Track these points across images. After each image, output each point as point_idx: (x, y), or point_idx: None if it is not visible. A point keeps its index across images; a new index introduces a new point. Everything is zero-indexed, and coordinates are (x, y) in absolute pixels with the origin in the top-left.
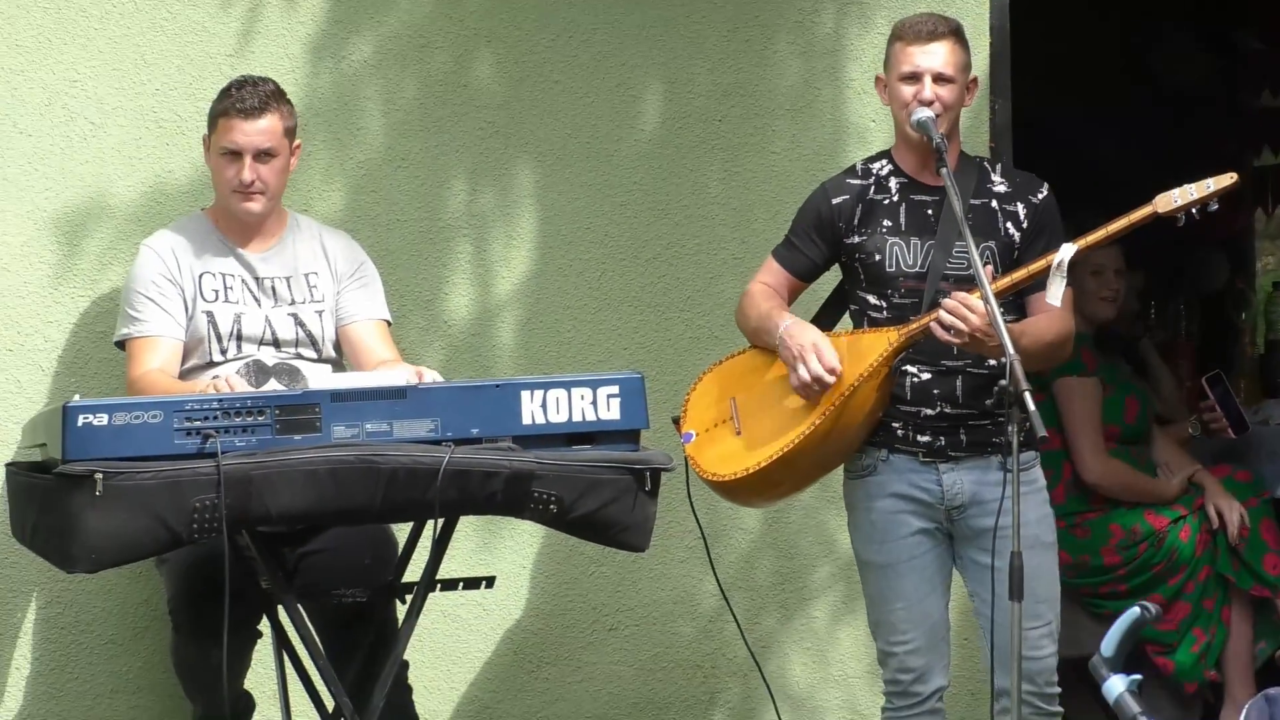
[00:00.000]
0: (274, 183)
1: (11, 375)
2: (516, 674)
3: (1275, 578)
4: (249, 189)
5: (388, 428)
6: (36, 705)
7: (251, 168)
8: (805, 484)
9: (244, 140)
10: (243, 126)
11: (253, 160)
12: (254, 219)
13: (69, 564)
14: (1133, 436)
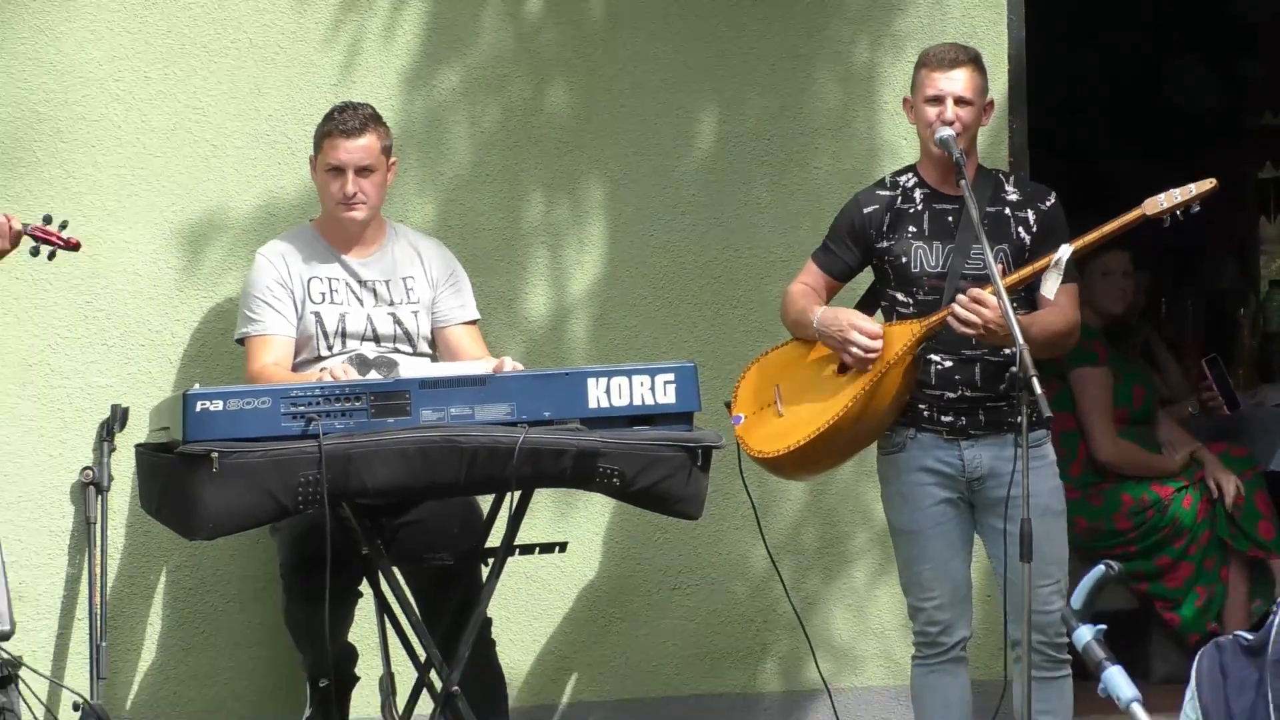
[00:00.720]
0: (373, 195)
1: (143, 368)
2: (589, 629)
3: (1268, 541)
4: (352, 201)
5: (470, 411)
6: (170, 657)
7: (354, 181)
8: (842, 459)
9: (346, 157)
10: (345, 145)
11: (354, 175)
12: (357, 227)
13: (190, 533)
14: (1140, 419)
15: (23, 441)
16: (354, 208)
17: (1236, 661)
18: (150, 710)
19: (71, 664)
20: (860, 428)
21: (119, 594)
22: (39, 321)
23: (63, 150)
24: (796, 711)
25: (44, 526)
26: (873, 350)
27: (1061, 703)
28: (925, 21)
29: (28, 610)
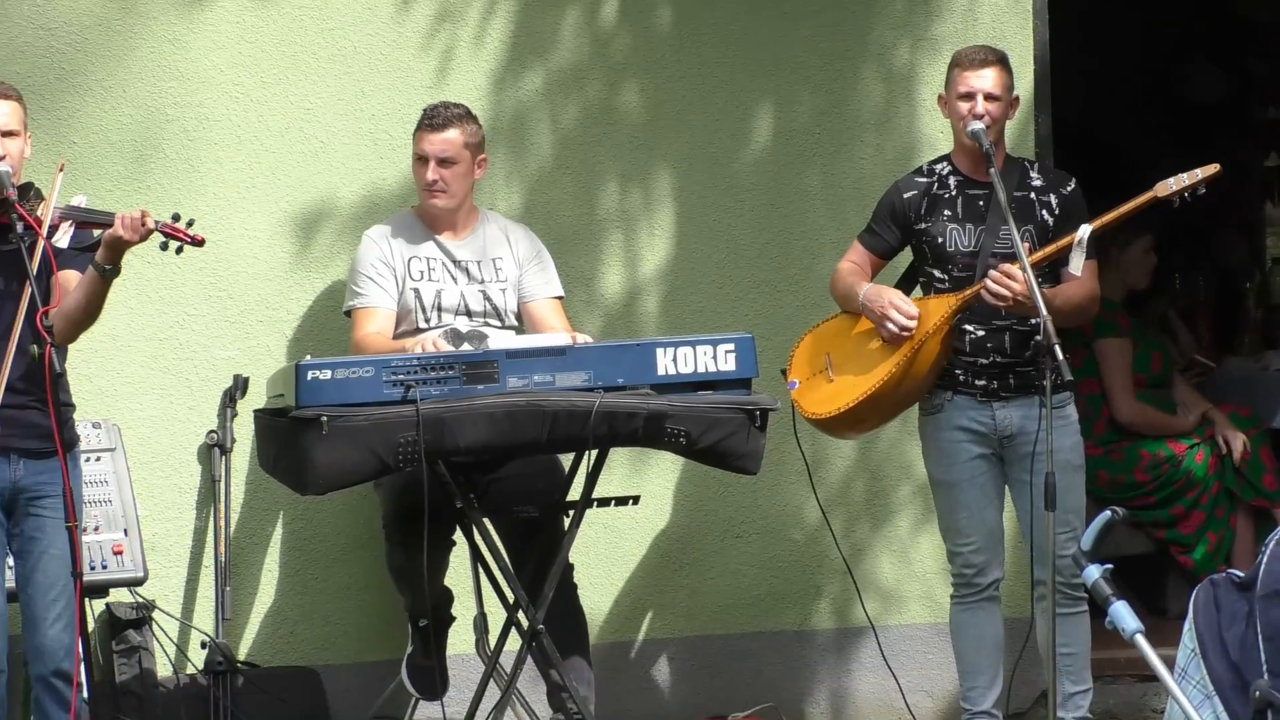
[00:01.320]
0: (454, 184)
1: (261, 341)
2: (661, 573)
3: (1271, 491)
4: (433, 188)
5: (551, 379)
6: (286, 600)
7: (435, 170)
8: (886, 420)
9: (429, 148)
10: (430, 137)
11: (436, 164)
12: (438, 212)
13: (303, 488)
14: (1157, 383)
15: (155, 408)
16: (435, 195)
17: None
18: (268, 648)
19: (198, 607)
20: (902, 391)
21: (240, 544)
22: (169, 301)
23: (189, 147)
24: (846, 647)
25: (174, 484)
26: (907, 328)
27: (1080, 635)
28: (959, 26)
29: (159, 559)
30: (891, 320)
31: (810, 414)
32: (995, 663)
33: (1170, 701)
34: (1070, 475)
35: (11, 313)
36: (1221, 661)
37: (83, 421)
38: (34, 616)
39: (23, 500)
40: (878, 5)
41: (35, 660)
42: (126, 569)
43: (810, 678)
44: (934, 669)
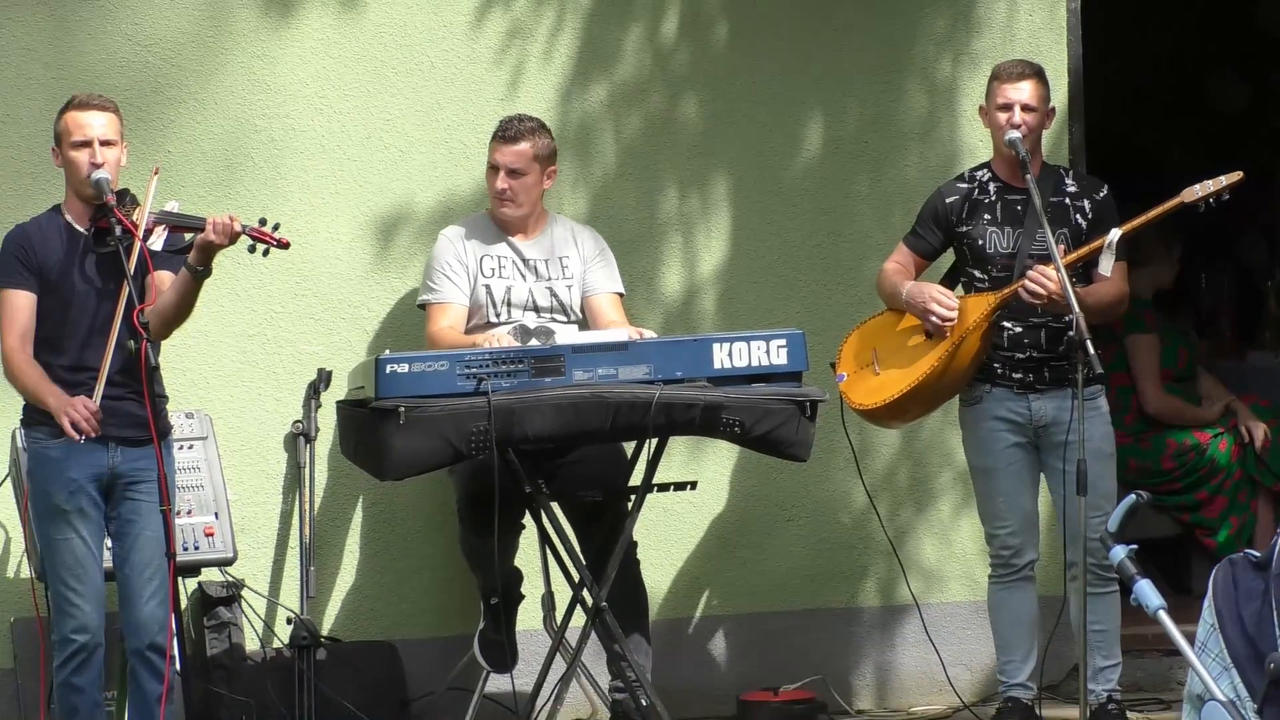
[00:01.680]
0: (522, 195)
1: (344, 337)
2: (718, 553)
3: None
4: (502, 196)
5: (614, 372)
6: (367, 579)
7: (504, 180)
8: (929, 410)
9: (500, 159)
10: (502, 149)
11: (506, 174)
12: (505, 219)
13: (381, 474)
14: (1183, 376)
15: (244, 400)
16: (504, 203)
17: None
18: (349, 624)
19: (284, 586)
20: (944, 383)
21: (323, 526)
22: (258, 300)
23: (276, 156)
24: (890, 623)
25: (261, 470)
26: (949, 319)
27: (1110, 613)
28: (998, 42)
29: (248, 541)
30: (934, 313)
31: (858, 405)
32: (1030, 638)
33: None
34: (1102, 463)
35: (110, 311)
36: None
37: (176, 412)
38: (130, 594)
39: (120, 485)
40: (922, 23)
41: (131, 635)
42: (217, 550)
43: (856, 652)
44: (973, 644)
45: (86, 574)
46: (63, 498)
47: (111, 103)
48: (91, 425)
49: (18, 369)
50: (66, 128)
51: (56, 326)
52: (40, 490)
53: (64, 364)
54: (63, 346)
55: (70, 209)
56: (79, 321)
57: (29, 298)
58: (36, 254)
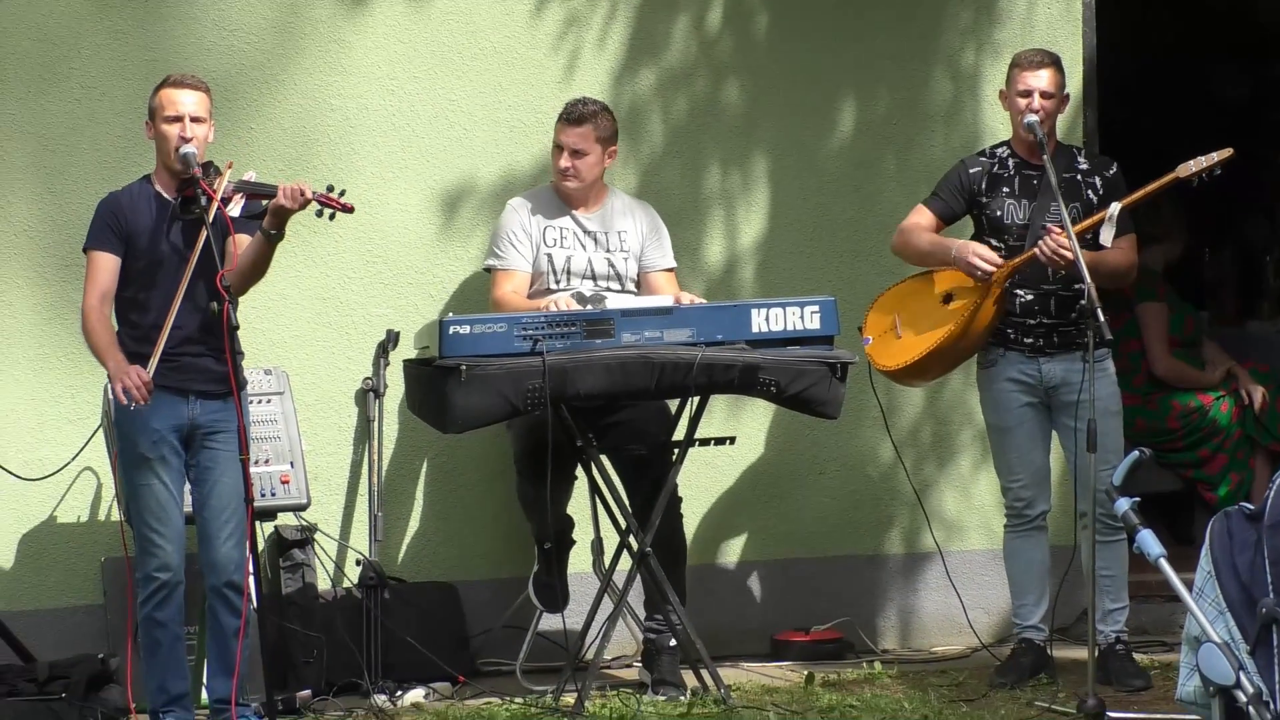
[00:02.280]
0: (585, 172)
1: (411, 301)
2: (754, 504)
3: None
4: (565, 174)
5: (660, 335)
6: (430, 525)
7: (568, 159)
8: (948, 370)
9: (565, 139)
10: (567, 129)
11: (569, 154)
12: (567, 193)
13: (444, 428)
14: (1189, 342)
15: (319, 358)
16: (567, 180)
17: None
18: (414, 566)
19: (354, 530)
20: (962, 345)
21: (390, 476)
22: (332, 266)
23: (349, 133)
24: (914, 570)
25: (334, 424)
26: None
27: (1117, 560)
28: (1018, 32)
29: (321, 488)
30: (979, 267)
31: (882, 367)
32: (1042, 584)
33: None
34: (1109, 420)
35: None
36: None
37: (256, 368)
38: (209, 536)
39: (199, 435)
40: (947, 14)
41: (209, 573)
42: (292, 496)
43: (882, 596)
44: (990, 589)
45: (168, 517)
46: (146, 446)
47: (203, 83)
48: (142, 394)
49: (91, 327)
50: (161, 104)
51: (143, 288)
52: (126, 439)
53: (148, 322)
54: (148, 305)
55: (159, 179)
56: (163, 283)
57: (114, 260)
58: (127, 220)
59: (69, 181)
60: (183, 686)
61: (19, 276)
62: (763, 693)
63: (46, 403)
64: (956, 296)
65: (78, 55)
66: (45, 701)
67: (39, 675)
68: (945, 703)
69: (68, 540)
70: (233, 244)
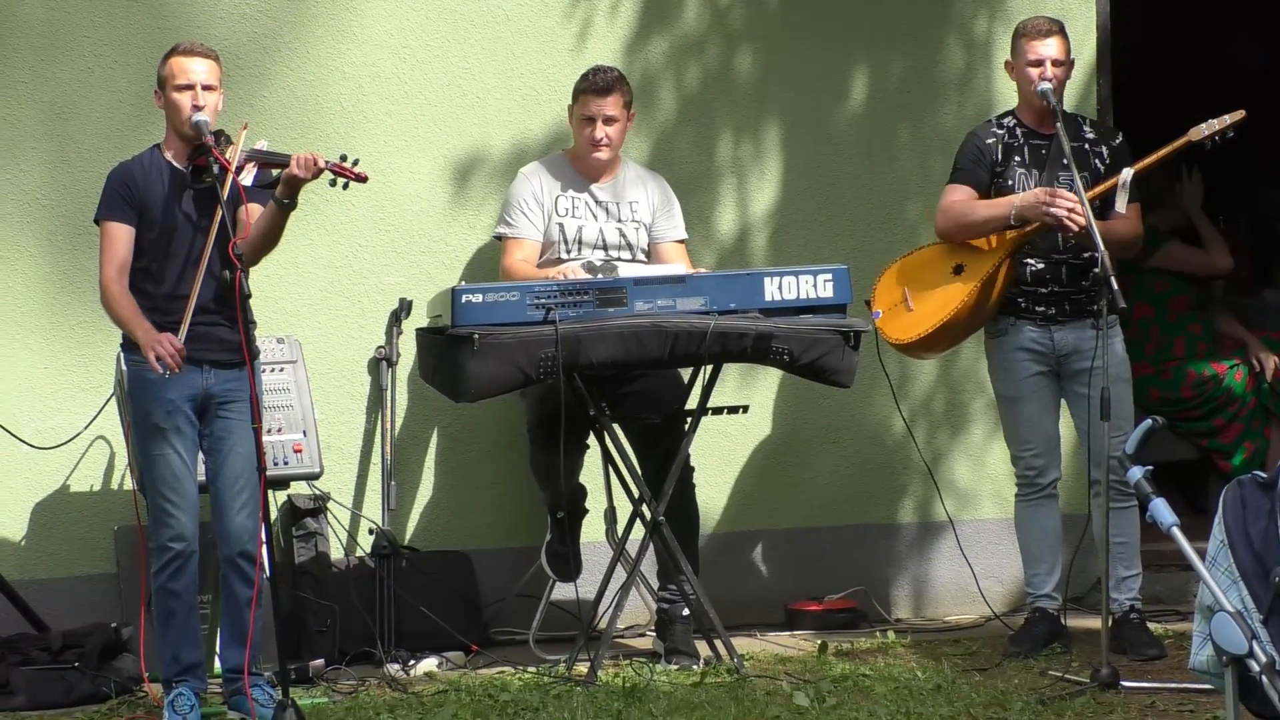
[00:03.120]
0: (615, 139)
1: (424, 269)
2: (768, 473)
3: None
4: (599, 144)
5: (673, 303)
6: (442, 494)
7: (601, 128)
8: (959, 341)
9: (597, 110)
10: (597, 100)
11: (601, 123)
12: (601, 164)
13: (457, 396)
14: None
15: (331, 326)
16: (599, 149)
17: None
18: (427, 535)
19: (367, 499)
20: (973, 316)
21: (403, 444)
22: (344, 233)
23: (362, 101)
24: (926, 538)
25: (347, 392)
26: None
27: (1130, 527)
28: (1029, 1)
29: (334, 457)
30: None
31: (893, 340)
32: (1055, 552)
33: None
34: (1120, 387)
35: (205, 242)
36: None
37: (268, 337)
38: (221, 505)
39: (213, 405)
40: None
41: (222, 543)
42: (305, 465)
43: (895, 566)
44: (1003, 559)
45: (182, 486)
46: (161, 416)
47: (213, 51)
48: (176, 361)
49: (114, 299)
50: (171, 72)
51: (156, 258)
52: (140, 410)
53: (162, 292)
54: (162, 276)
55: (169, 148)
56: (177, 253)
57: (128, 231)
58: (139, 190)
59: (81, 150)
60: (196, 656)
61: (31, 245)
62: (776, 662)
63: (59, 371)
64: (967, 267)
65: (89, 23)
66: (59, 670)
67: (52, 644)
68: (959, 672)
69: (81, 509)
70: (245, 213)
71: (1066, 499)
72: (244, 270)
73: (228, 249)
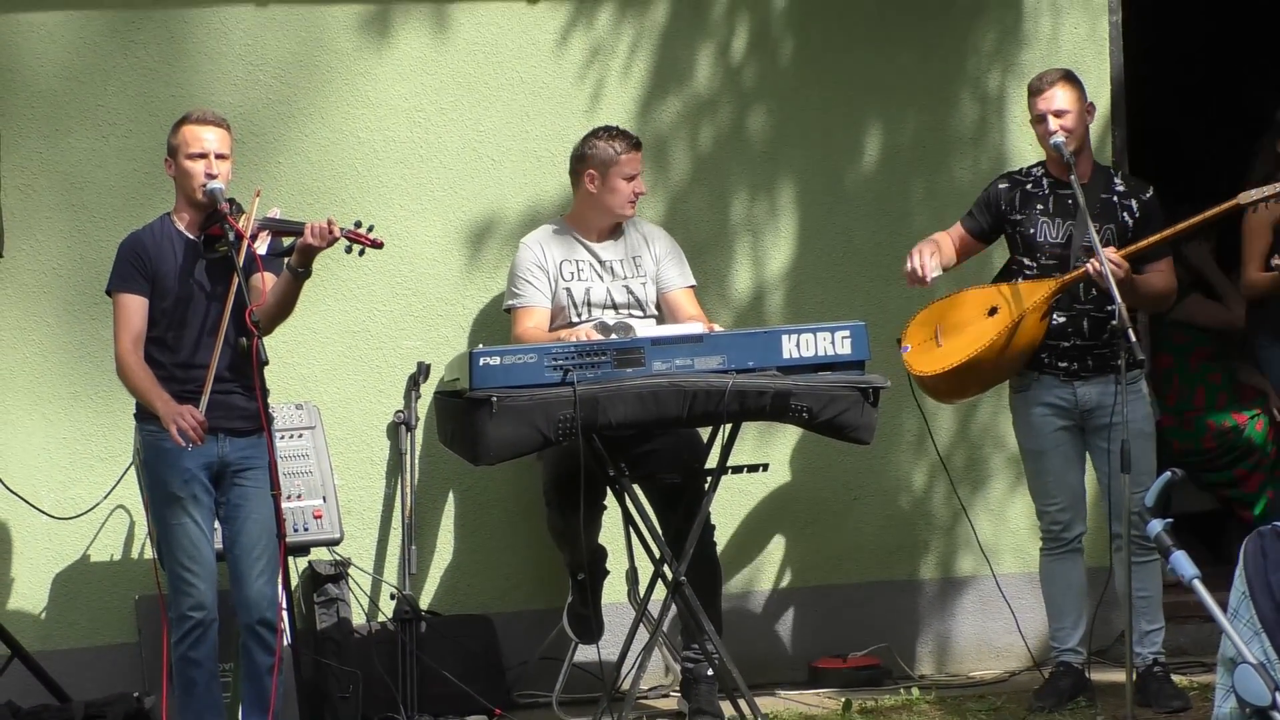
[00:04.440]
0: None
1: (441, 333)
2: (789, 530)
3: None
4: (635, 201)
5: (690, 362)
6: (463, 557)
7: (640, 183)
8: (985, 387)
9: (636, 168)
10: (635, 156)
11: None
12: (623, 219)
13: (476, 460)
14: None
15: (350, 391)
16: (633, 205)
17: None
18: (448, 598)
19: (388, 564)
20: (1004, 360)
21: (423, 508)
22: (362, 299)
23: (376, 165)
24: (949, 595)
25: (366, 457)
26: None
27: (1153, 580)
28: (1043, 54)
29: (354, 522)
30: (911, 259)
31: (917, 372)
32: (1080, 606)
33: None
34: (1142, 441)
35: (219, 311)
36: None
37: (286, 403)
38: (239, 574)
39: (229, 473)
40: (972, 37)
41: (242, 611)
42: (325, 531)
43: (918, 622)
44: (1026, 613)
45: (201, 555)
46: (177, 485)
47: (224, 120)
48: (198, 434)
49: (130, 370)
50: (184, 140)
51: (170, 327)
52: (156, 479)
53: (177, 362)
54: (176, 345)
55: (180, 217)
56: (191, 322)
57: (142, 302)
58: (151, 260)
59: (97, 219)
60: None
61: (49, 314)
62: None
63: (78, 441)
64: (1001, 310)
65: (103, 92)
66: None
67: (75, 715)
68: None
69: (101, 579)
70: (260, 280)
71: (1089, 551)
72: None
73: (244, 317)
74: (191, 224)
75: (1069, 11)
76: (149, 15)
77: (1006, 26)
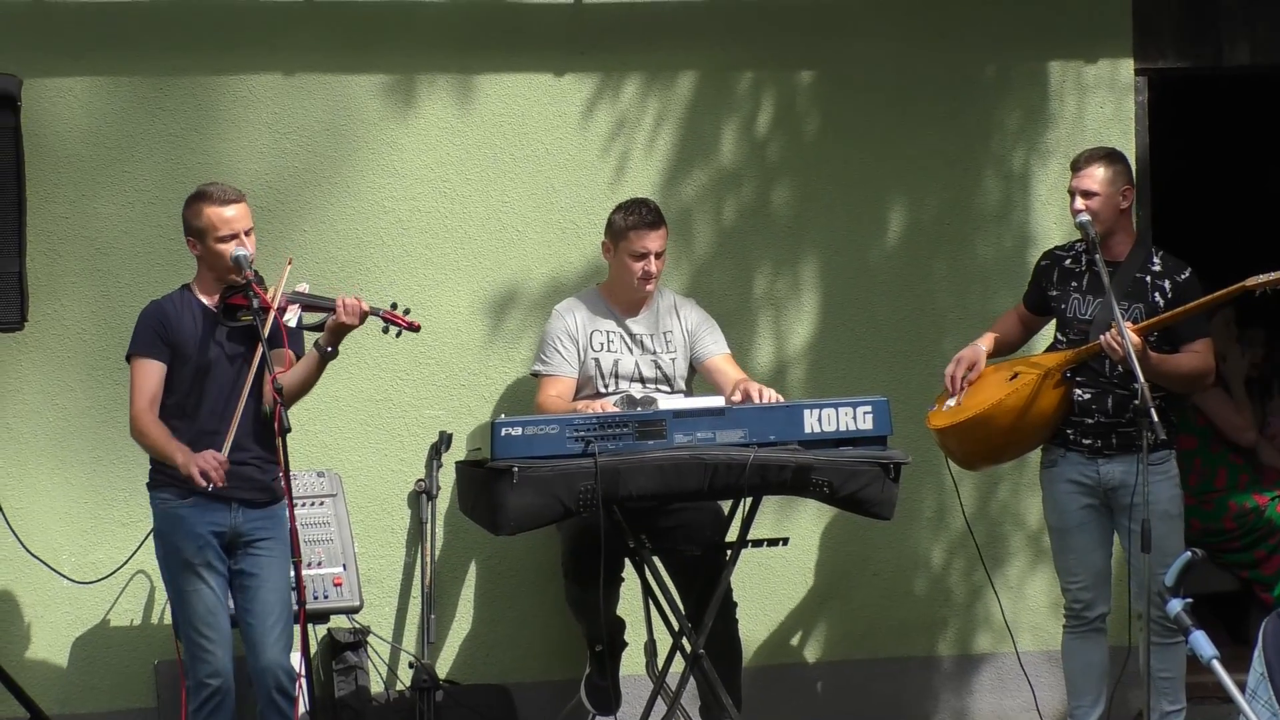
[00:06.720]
0: (659, 272)
1: (464, 403)
2: (808, 605)
3: None
4: (649, 279)
5: (712, 435)
6: (483, 627)
7: (652, 262)
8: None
9: (649, 245)
10: (648, 235)
11: (654, 258)
12: (642, 299)
13: (497, 529)
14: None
15: (372, 460)
16: (649, 283)
17: None
18: (467, 668)
19: (407, 632)
20: (1019, 424)
21: (443, 578)
22: (384, 368)
23: (402, 235)
24: (967, 671)
25: (387, 526)
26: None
27: (1175, 662)
28: (1067, 134)
29: (374, 590)
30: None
31: (931, 426)
32: (1099, 685)
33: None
34: (1169, 523)
35: (240, 381)
36: None
37: (308, 471)
38: (254, 642)
39: (241, 543)
40: (996, 116)
41: (257, 680)
42: (345, 599)
43: (937, 698)
44: (1044, 690)
45: (217, 621)
46: (191, 552)
47: (241, 193)
48: (219, 475)
49: (145, 427)
50: (211, 224)
51: (189, 395)
52: (170, 546)
53: (195, 429)
54: (194, 414)
55: (201, 288)
56: (210, 390)
57: (160, 368)
58: (172, 329)
59: (121, 285)
60: None
61: (72, 379)
62: None
63: (99, 505)
64: (1021, 375)
65: (129, 159)
66: None
67: None
68: None
69: (121, 644)
70: (286, 353)
71: (1113, 631)
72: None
73: (267, 385)
74: (211, 295)
75: (1094, 91)
76: (176, 83)
77: (1032, 105)
